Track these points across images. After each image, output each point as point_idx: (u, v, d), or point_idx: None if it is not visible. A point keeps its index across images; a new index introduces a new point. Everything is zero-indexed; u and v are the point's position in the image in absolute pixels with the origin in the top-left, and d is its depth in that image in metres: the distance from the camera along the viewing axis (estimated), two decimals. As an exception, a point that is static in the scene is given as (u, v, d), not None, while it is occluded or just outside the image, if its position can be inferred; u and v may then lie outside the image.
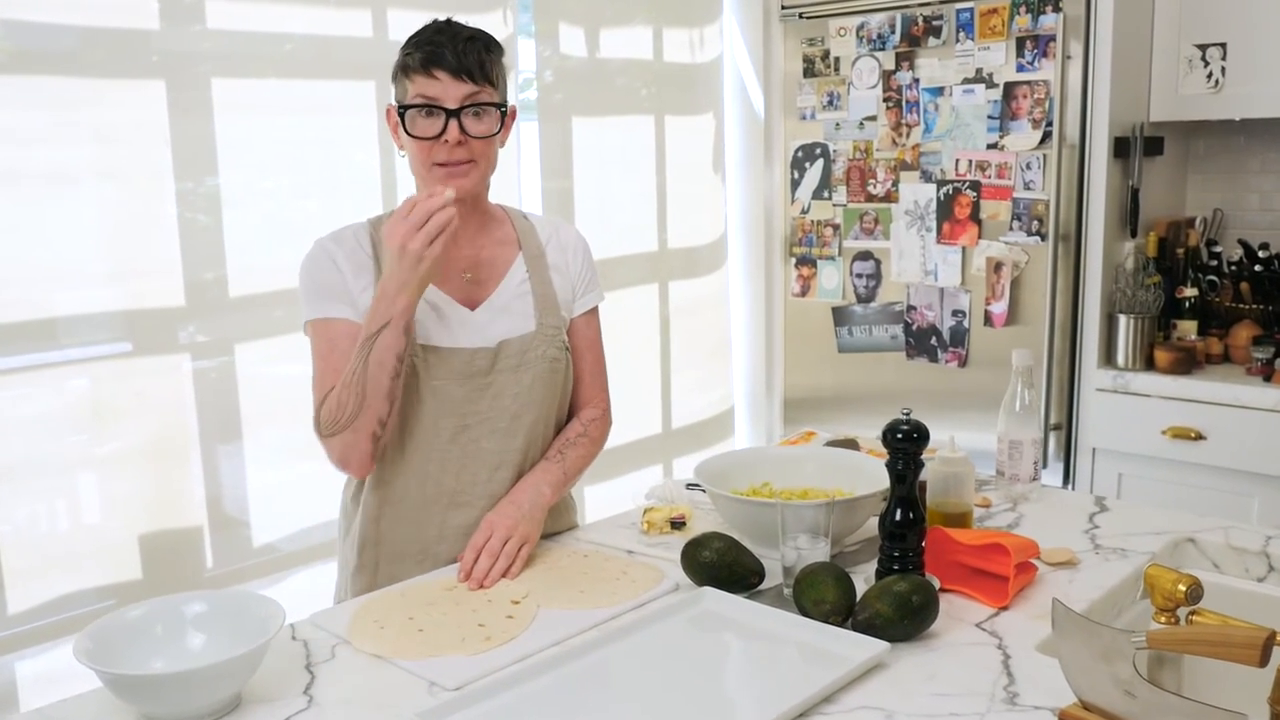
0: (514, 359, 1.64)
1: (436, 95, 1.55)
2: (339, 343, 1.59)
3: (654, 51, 3.21)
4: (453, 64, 1.54)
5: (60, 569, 2.17)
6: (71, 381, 2.17)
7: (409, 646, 1.31)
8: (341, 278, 1.61)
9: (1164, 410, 2.74)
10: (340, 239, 1.64)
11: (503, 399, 1.64)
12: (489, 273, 1.68)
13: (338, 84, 2.47)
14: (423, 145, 1.57)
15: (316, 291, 1.61)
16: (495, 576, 1.51)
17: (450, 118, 1.55)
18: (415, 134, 1.56)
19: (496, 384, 1.64)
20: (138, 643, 1.21)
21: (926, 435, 1.42)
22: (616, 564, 1.57)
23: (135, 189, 2.21)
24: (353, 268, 1.61)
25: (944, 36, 2.96)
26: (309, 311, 1.62)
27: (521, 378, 1.65)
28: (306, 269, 1.63)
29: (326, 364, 1.60)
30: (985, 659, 1.27)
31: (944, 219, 3.03)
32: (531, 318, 1.68)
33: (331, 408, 1.55)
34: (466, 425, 1.63)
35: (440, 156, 1.57)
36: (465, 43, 1.56)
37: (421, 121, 1.56)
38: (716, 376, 3.58)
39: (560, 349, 1.70)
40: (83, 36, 2.10)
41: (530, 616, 1.39)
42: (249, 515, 2.41)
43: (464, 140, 1.56)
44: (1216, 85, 2.82)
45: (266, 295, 2.37)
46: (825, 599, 1.33)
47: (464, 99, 1.55)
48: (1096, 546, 1.62)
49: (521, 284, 1.69)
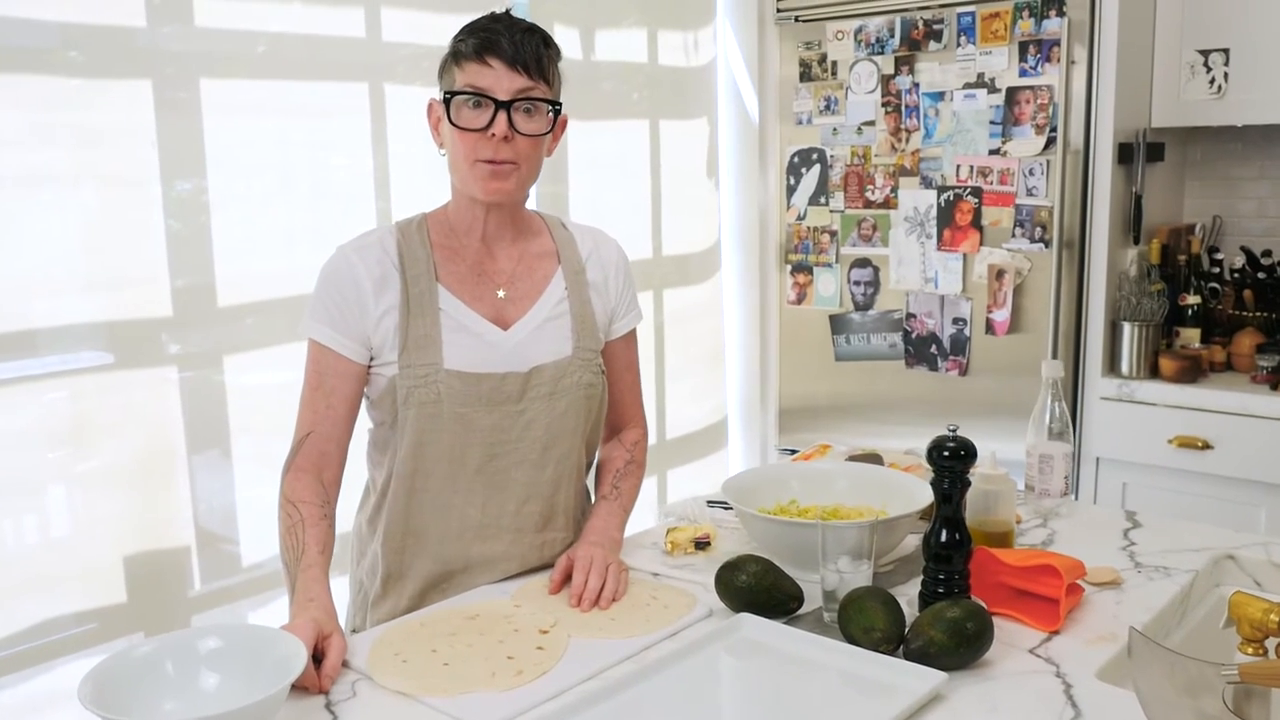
0: (548, 386, 1.55)
1: (488, 85, 1.44)
2: (326, 379, 1.51)
3: (649, 54, 3.14)
4: (509, 53, 1.43)
5: (39, 592, 2.06)
6: (51, 395, 2.07)
7: (436, 682, 1.23)
8: (360, 298, 1.50)
9: (1170, 419, 2.70)
10: (365, 250, 1.53)
11: (534, 428, 1.55)
12: (525, 289, 1.58)
13: (330, 85, 2.38)
14: (467, 138, 1.46)
15: (325, 310, 1.51)
16: (608, 597, 1.43)
17: (500, 109, 1.44)
18: (461, 124, 1.45)
19: (529, 412, 1.54)
20: (146, 683, 1.12)
21: (974, 453, 1.36)
22: (644, 588, 1.50)
23: (119, 193, 2.11)
24: (375, 284, 1.50)
25: (945, 40, 2.92)
26: (310, 327, 1.52)
27: (555, 405, 1.56)
28: (324, 281, 1.52)
29: (310, 399, 1.52)
30: (1046, 688, 1.21)
31: (944, 225, 2.98)
32: (568, 341, 1.58)
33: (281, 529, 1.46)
34: (495, 455, 1.53)
35: (485, 153, 1.45)
36: (523, 34, 1.46)
37: (468, 112, 1.45)
38: (711, 386, 3.51)
39: (597, 374, 1.61)
40: (64, 33, 2.00)
41: (561, 647, 1.32)
42: (238, 534, 2.31)
43: (511, 136, 1.45)
44: (1219, 91, 2.80)
45: (257, 304, 2.28)
46: (875, 626, 1.26)
47: (517, 92, 1.45)
48: (1138, 565, 1.57)
49: (559, 304, 1.59)
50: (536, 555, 1.58)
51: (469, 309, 1.53)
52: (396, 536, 1.55)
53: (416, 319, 1.49)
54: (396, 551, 1.55)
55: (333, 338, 1.50)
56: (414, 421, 1.49)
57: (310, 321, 1.52)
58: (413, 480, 1.52)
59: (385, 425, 1.55)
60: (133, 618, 2.17)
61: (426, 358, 1.48)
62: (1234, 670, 0.96)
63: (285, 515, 1.47)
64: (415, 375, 1.48)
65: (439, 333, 1.50)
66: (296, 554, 1.42)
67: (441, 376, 1.49)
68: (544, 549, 1.59)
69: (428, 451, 1.51)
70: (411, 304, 1.49)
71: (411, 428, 1.50)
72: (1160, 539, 1.67)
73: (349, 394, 1.52)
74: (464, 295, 1.53)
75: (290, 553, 1.43)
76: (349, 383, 1.52)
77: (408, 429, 1.50)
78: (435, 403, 1.49)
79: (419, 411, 1.49)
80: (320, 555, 1.41)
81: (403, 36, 2.48)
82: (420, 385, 1.48)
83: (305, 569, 1.39)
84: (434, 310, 1.50)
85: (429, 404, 1.48)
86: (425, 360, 1.48)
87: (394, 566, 1.56)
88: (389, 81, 2.47)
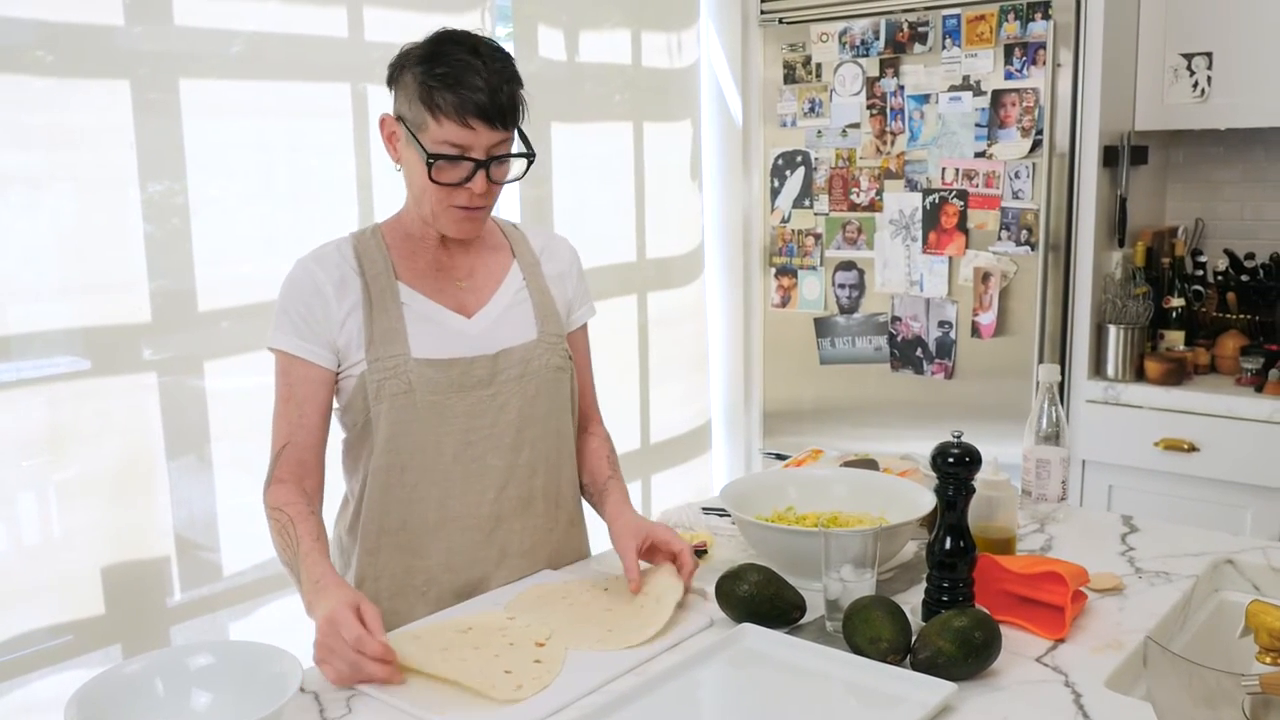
0: (517, 368, 1.56)
1: (468, 145, 1.43)
2: (297, 389, 1.50)
3: (632, 56, 3.11)
4: (489, 111, 1.41)
5: (14, 604, 2.01)
6: (26, 402, 2.01)
7: (433, 698, 1.19)
8: (323, 303, 1.49)
9: (1156, 422, 2.70)
10: (323, 258, 1.53)
11: (507, 411, 1.55)
12: (484, 279, 1.60)
13: (312, 86, 2.33)
14: (443, 189, 1.46)
15: (290, 320, 1.50)
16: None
17: (478, 168, 1.44)
18: (440, 180, 1.45)
19: (500, 395, 1.54)
20: (135, 703, 1.08)
21: (979, 459, 1.34)
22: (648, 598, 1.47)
23: (96, 196, 2.06)
24: (336, 289, 1.50)
25: (930, 43, 2.91)
26: (276, 337, 1.51)
27: (526, 388, 1.56)
28: (286, 292, 1.52)
29: (283, 411, 1.51)
30: (1055, 698, 1.20)
31: (930, 228, 2.97)
32: (532, 325, 1.60)
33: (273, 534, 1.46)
34: (470, 442, 1.53)
35: (460, 201, 1.47)
36: (499, 80, 1.42)
37: (446, 166, 1.44)
38: (695, 390, 3.49)
39: (564, 358, 1.63)
40: (40, 32, 1.95)
41: (559, 660, 1.29)
42: (218, 541, 2.26)
43: (486, 189, 1.46)
44: (1203, 95, 2.80)
45: (238, 309, 2.23)
46: (882, 636, 1.24)
47: (493, 148, 1.45)
48: (1138, 570, 1.56)
49: (519, 291, 1.61)
50: (516, 543, 1.57)
51: (431, 301, 1.53)
52: (372, 536, 1.53)
53: (380, 314, 1.50)
54: (372, 553, 1.53)
55: (300, 346, 1.49)
56: (387, 414, 1.48)
57: (275, 333, 1.51)
58: (388, 475, 1.51)
59: (357, 428, 1.53)
60: (111, 629, 2.12)
61: (394, 349, 1.49)
62: (1254, 680, 0.95)
63: (274, 521, 1.46)
64: (384, 368, 1.48)
65: (404, 325, 1.50)
66: (293, 549, 1.41)
67: (411, 365, 1.48)
68: (523, 535, 1.58)
69: (403, 444, 1.50)
70: (374, 300, 1.50)
71: (385, 421, 1.49)
72: (1159, 544, 1.66)
73: (321, 401, 1.52)
74: (424, 289, 1.54)
75: (287, 551, 1.43)
76: (320, 390, 1.51)
77: (381, 423, 1.49)
78: (407, 393, 1.48)
79: (391, 404, 1.48)
80: (316, 542, 1.42)
81: (385, 36, 2.44)
82: (390, 377, 1.48)
83: (305, 556, 1.39)
84: (396, 304, 1.51)
85: (401, 395, 1.48)
86: (393, 352, 1.48)
87: (368, 569, 1.54)
88: (371, 82, 2.43)
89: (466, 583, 1.54)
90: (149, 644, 2.16)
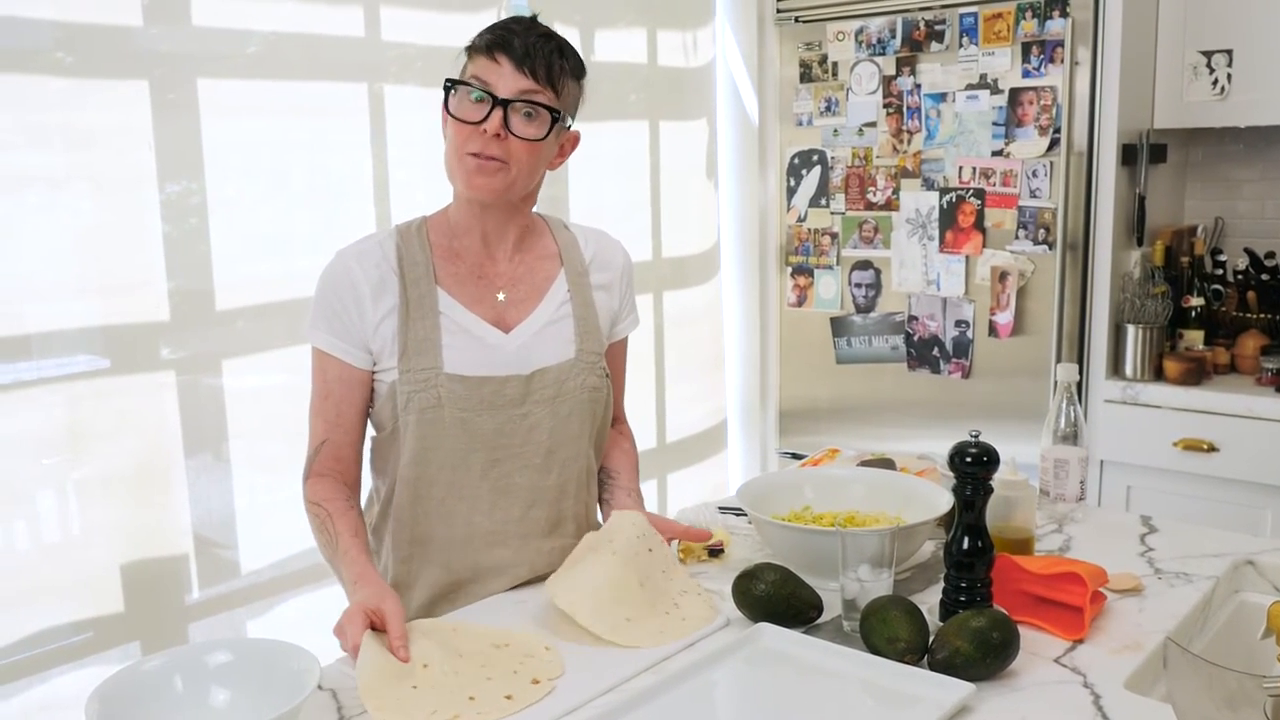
0: (550, 389, 1.53)
1: (491, 81, 1.42)
2: (333, 387, 1.49)
3: (648, 55, 3.11)
4: (518, 53, 1.41)
5: (34, 601, 2.02)
6: (46, 401, 2.03)
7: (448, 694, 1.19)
8: (358, 304, 1.47)
9: (1175, 422, 2.69)
10: (364, 255, 1.50)
11: (537, 433, 1.52)
12: (527, 291, 1.55)
13: (329, 85, 2.34)
14: (461, 129, 1.43)
15: (325, 316, 1.49)
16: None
17: (497, 107, 1.42)
18: (456, 113, 1.43)
19: (532, 416, 1.52)
20: (154, 700, 1.09)
21: (997, 459, 1.33)
22: (668, 595, 1.46)
23: (115, 196, 2.07)
24: (374, 290, 1.48)
25: (946, 41, 2.90)
26: (312, 333, 1.50)
27: (559, 409, 1.54)
28: (324, 286, 1.50)
29: (320, 408, 1.51)
30: (1074, 699, 1.19)
31: (947, 227, 2.96)
32: (571, 343, 1.56)
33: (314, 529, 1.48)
34: (497, 460, 1.51)
35: (474, 146, 1.42)
36: (540, 38, 1.44)
37: (468, 105, 1.43)
38: (711, 389, 3.48)
39: (601, 377, 1.59)
40: (59, 33, 1.96)
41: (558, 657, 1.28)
42: (237, 540, 2.27)
43: (504, 135, 1.42)
44: (1222, 92, 2.78)
45: (255, 308, 2.24)
46: (899, 636, 1.24)
47: (519, 92, 1.42)
48: (1158, 571, 1.54)
49: (562, 306, 1.57)
50: (545, 562, 1.55)
51: (468, 311, 1.50)
52: (404, 545, 1.52)
53: (416, 322, 1.47)
54: (404, 561, 1.53)
55: (334, 344, 1.48)
56: (415, 427, 1.47)
57: (312, 327, 1.50)
58: (416, 487, 1.50)
59: (386, 432, 1.52)
60: (130, 626, 2.13)
61: (426, 362, 1.46)
62: (1276, 682, 0.94)
63: (313, 516, 1.47)
64: (415, 380, 1.46)
65: (438, 336, 1.47)
66: (333, 545, 1.42)
67: (441, 380, 1.46)
68: (552, 555, 1.55)
69: (430, 458, 1.48)
70: (411, 307, 1.47)
71: (413, 434, 1.48)
72: (1178, 544, 1.65)
73: (357, 400, 1.51)
74: (463, 298, 1.51)
75: (328, 548, 1.44)
76: (355, 390, 1.50)
77: (409, 435, 1.48)
78: (436, 407, 1.46)
79: (419, 417, 1.47)
80: (355, 538, 1.43)
81: (402, 36, 2.45)
82: (420, 390, 1.46)
83: (344, 553, 1.40)
84: (434, 313, 1.48)
85: (429, 409, 1.46)
86: (425, 365, 1.46)
87: (403, 577, 1.53)
88: (388, 82, 2.44)
89: (495, 595, 1.53)
90: (168, 641, 2.18)
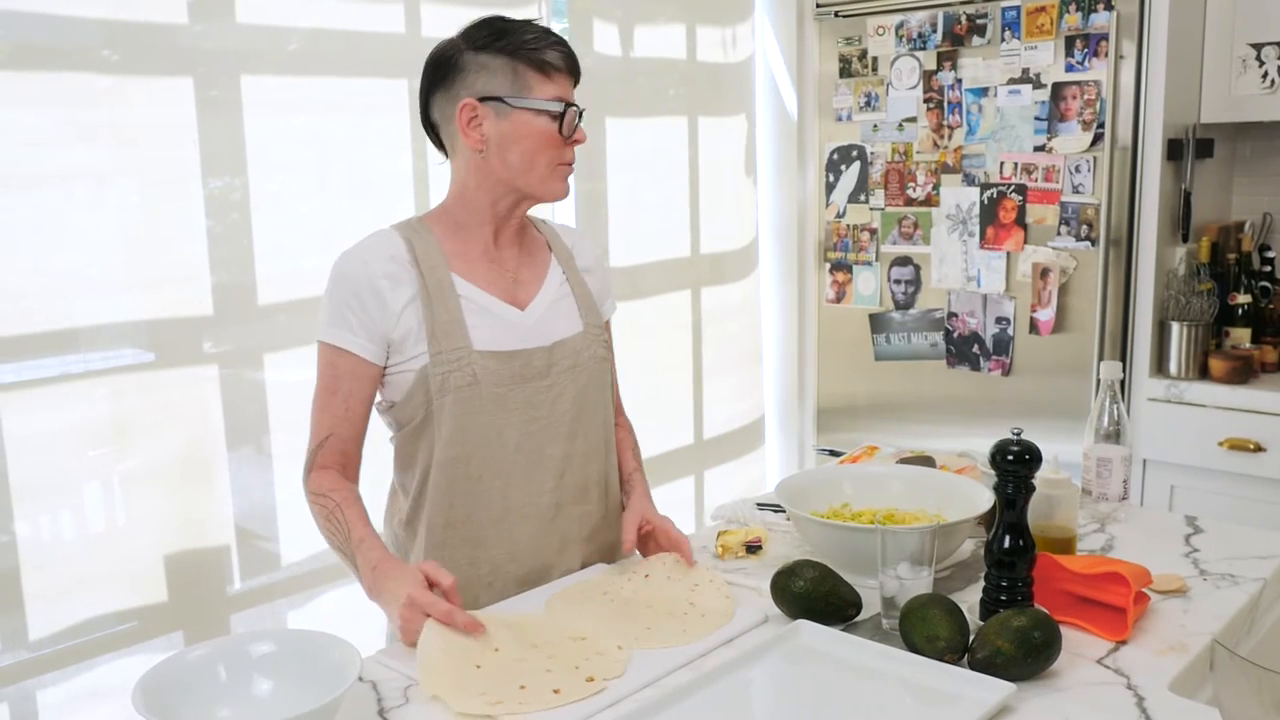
0: (569, 359, 1.59)
1: (570, 96, 1.54)
2: (342, 383, 1.51)
3: (687, 50, 3.11)
4: (571, 63, 1.54)
5: (82, 591, 2.06)
6: (93, 394, 2.06)
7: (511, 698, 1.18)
8: (377, 296, 1.49)
9: (1220, 421, 2.65)
10: (373, 250, 1.53)
11: (563, 402, 1.57)
12: (531, 274, 1.62)
13: (369, 82, 2.36)
14: (555, 140, 1.52)
15: (341, 314, 1.51)
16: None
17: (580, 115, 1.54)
18: (572, 135, 1.53)
19: (556, 386, 1.57)
20: (199, 688, 1.10)
21: (1039, 457, 1.32)
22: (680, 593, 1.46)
23: (159, 192, 2.10)
24: (391, 281, 1.50)
25: (988, 35, 2.87)
26: (326, 331, 1.52)
27: (578, 378, 1.60)
28: (336, 285, 1.52)
29: (327, 404, 1.52)
30: (1117, 701, 1.17)
31: (987, 223, 2.93)
32: (577, 318, 1.63)
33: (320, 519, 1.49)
34: (530, 433, 1.55)
35: (569, 156, 1.54)
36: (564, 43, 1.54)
37: (575, 120, 1.54)
38: (748, 385, 3.47)
39: (605, 348, 1.67)
40: (104, 31, 1.99)
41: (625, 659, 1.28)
42: (278, 532, 2.30)
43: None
44: (1272, 86, 2.73)
45: (297, 303, 2.26)
46: (939, 635, 1.23)
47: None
48: (1203, 572, 1.52)
49: (561, 285, 1.64)
50: (576, 529, 1.60)
51: (485, 293, 1.55)
52: (439, 529, 1.54)
53: (439, 306, 1.50)
54: (439, 546, 1.54)
55: (351, 340, 1.50)
56: (452, 407, 1.50)
57: (326, 327, 1.52)
58: (453, 468, 1.52)
59: (415, 422, 1.53)
60: (173, 616, 2.16)
61: (455, 342, 1.50)
62: (1327, 686, 0.93)
63: (319, 507, 1.49)
64: (448, 360, 1.49)
65: (463, 316, 1.51)
66: (344, 533, 1.45)
67: (475, 358, 1.50)
68: (582, 521, 1.61)
69: (468, 436, 1.51)
70: (432, 293, 1.50)
71: (450, 413, 1.50)
72: (1223, 545, 1.63)
73: (366, 396, 1.54)
74: (478, 281, 1.55)
75: (337, 536, 1.46)
76: (365, 385, 1.53)
77: (445, 416, 1.50)
78: (472, 385, 1.50)
79: (456, 396, 1.49)
80: (366, 526, 1.46)
81: (442, 32, 2.44)
82: (455, 370, 1.49)
83: (358, 542, 1.43)
84: (454, 296, 1.52)
85: (465, 387, 1.49)
86: (455, 345, 1.50)
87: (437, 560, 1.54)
88: (428, 78, 2.45)
89: (530, 571, 1.56)
90: (210, 631, 2.21)
